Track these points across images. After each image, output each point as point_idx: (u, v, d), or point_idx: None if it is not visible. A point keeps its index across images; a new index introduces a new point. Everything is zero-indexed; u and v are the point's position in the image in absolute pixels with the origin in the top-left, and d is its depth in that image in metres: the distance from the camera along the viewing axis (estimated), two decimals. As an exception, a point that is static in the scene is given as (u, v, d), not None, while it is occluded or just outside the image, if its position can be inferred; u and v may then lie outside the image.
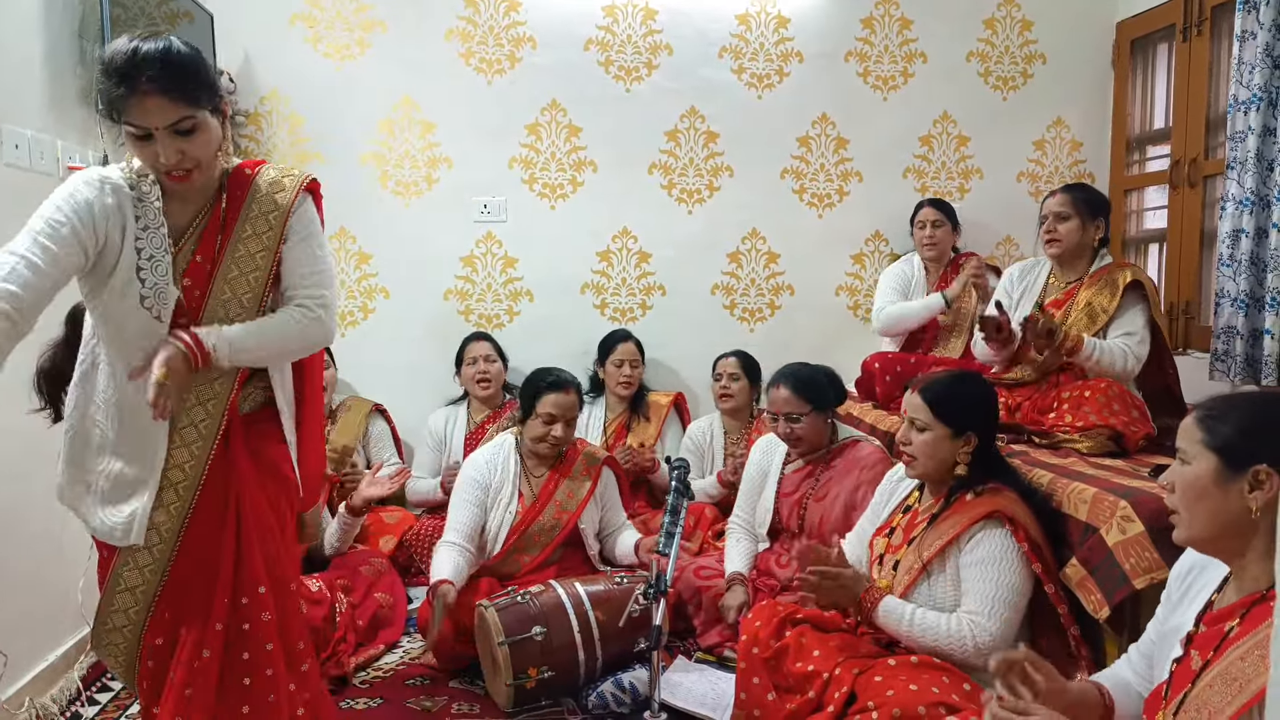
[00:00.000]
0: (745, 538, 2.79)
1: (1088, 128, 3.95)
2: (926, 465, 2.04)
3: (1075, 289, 2.71)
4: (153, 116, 1.43)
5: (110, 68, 1.42)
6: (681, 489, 2.50)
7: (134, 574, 1.65)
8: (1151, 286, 2.67)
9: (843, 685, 1.82)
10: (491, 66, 3.70)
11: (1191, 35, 3.41)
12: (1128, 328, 2.62)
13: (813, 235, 3.90)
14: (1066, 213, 2.72)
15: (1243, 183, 2.90)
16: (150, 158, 1.48)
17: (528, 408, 2.74)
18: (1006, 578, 1.89)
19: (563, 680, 2.32)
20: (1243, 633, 1.26)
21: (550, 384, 2.73)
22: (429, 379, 3.67)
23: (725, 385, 3.49)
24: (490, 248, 3.79)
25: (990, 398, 2.13)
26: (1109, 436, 2.46)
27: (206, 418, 1.64)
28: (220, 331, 1.57)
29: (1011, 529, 1.91)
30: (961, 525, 1.94)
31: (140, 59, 1.41)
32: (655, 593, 2.12)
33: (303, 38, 3.61)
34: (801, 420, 2.63)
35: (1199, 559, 1.43)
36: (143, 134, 1.44)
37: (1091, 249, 2.77)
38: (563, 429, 2.72)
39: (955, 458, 2.01)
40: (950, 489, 2.04)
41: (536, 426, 2.72)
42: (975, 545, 1.92)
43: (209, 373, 1.60)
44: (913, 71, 3.87)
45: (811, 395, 2.64)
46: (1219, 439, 1.31)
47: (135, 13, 2.73)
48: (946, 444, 2.01)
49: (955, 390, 2.06)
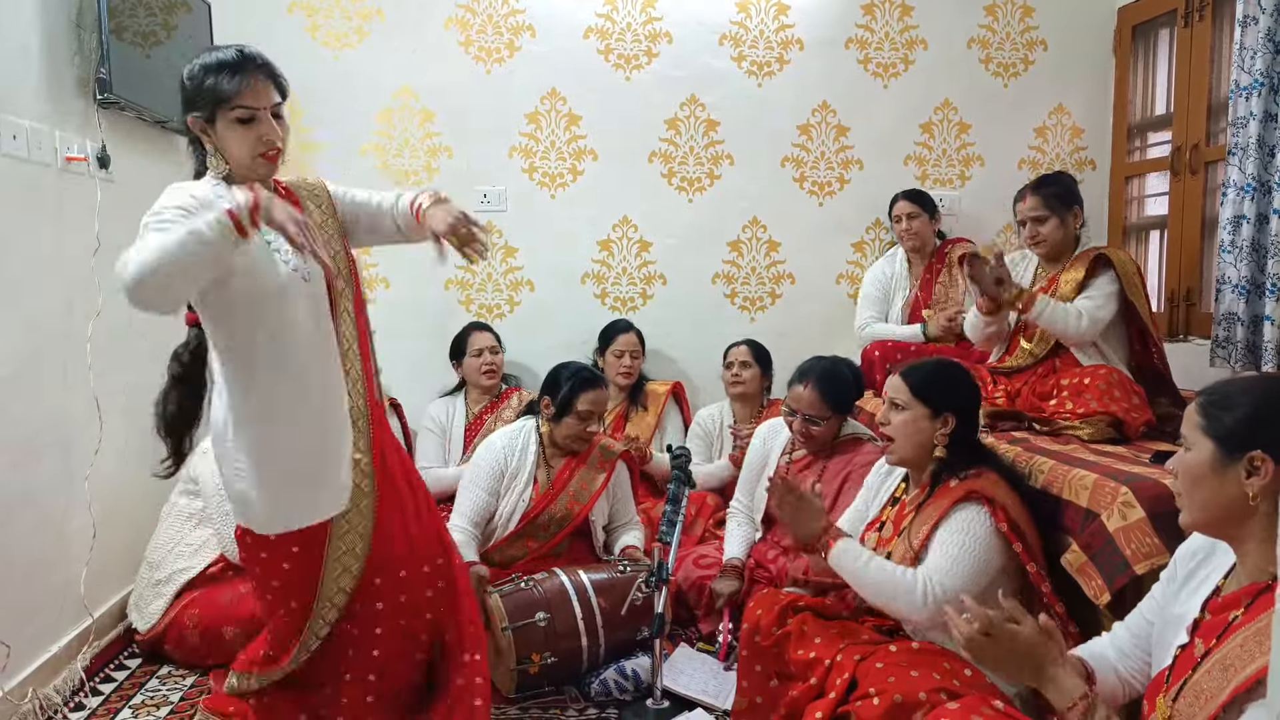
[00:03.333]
0: (745, 523, 2.79)
1: (1089, 114, 3.93)
2: (905, 446, 2.04)
3: (1057, 276, 2.74)
4: (261, 98, 1.64)
5: (220, 64, 1.62)
6: (683, 477, 2.51)
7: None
8: (1127, 263, 2.67)
9: (844, 672, 1.82)
10: (491, 55, 3.68)
11: (1193, 20, 3.39)
12: (1090, 293, 2.64)
13: (813, 223, 3.89)
14: (1042, 214, 2.74)
15: (1244, 168, 2.89)
16: (252, 139, 1.64)
17: (564, 407, 2.69)
18: (971, 546, 1.88)
19: (566, 666, 2.34)
20: (1245, 621, 1.26)
21: (586, 380, 2.71)
22: (430, 369, 3.67)
23: (737, 373, 3.49)
24: (490, 237, 3.78)
25: (970, 383, 2.13)
26: (1109, 423, 2.47)
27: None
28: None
29: (990, 509, 1.91)
30: (943, 508, 1.95)
31: (247, 54, 1.65)
32: (657, 581, 2.13)
33: (301, 27, 3.59)
34: (821, 424, 2.59)
35: (1206, 542, 1.44)
36: (250, 117, 1.63)
37: (1075, 237, 2.79)
38: (597, 424, 2.73)
39: (934, 439, 2.02)
40: (933, 475, 2.04)
41: (573, 424, 2.69)
42: (949, 520, 1.93)
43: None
44: (913, 59, 3.85)
45: (837, 400, 2.60)
46: (1218, 426, 1.31)
47: (133, 2, 2.71)
48: (925, 424, 2.01)
49: (935, 371, 2.08)
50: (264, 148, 1.66)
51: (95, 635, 2.55)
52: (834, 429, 2.64)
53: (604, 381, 2.79)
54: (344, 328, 1.82)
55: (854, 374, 2.71)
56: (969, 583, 1.85)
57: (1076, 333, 2.60)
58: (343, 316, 1.82)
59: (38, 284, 2.35)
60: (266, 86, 1.65)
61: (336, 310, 1.80)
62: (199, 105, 1.65)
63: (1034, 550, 1.95)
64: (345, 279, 1.84)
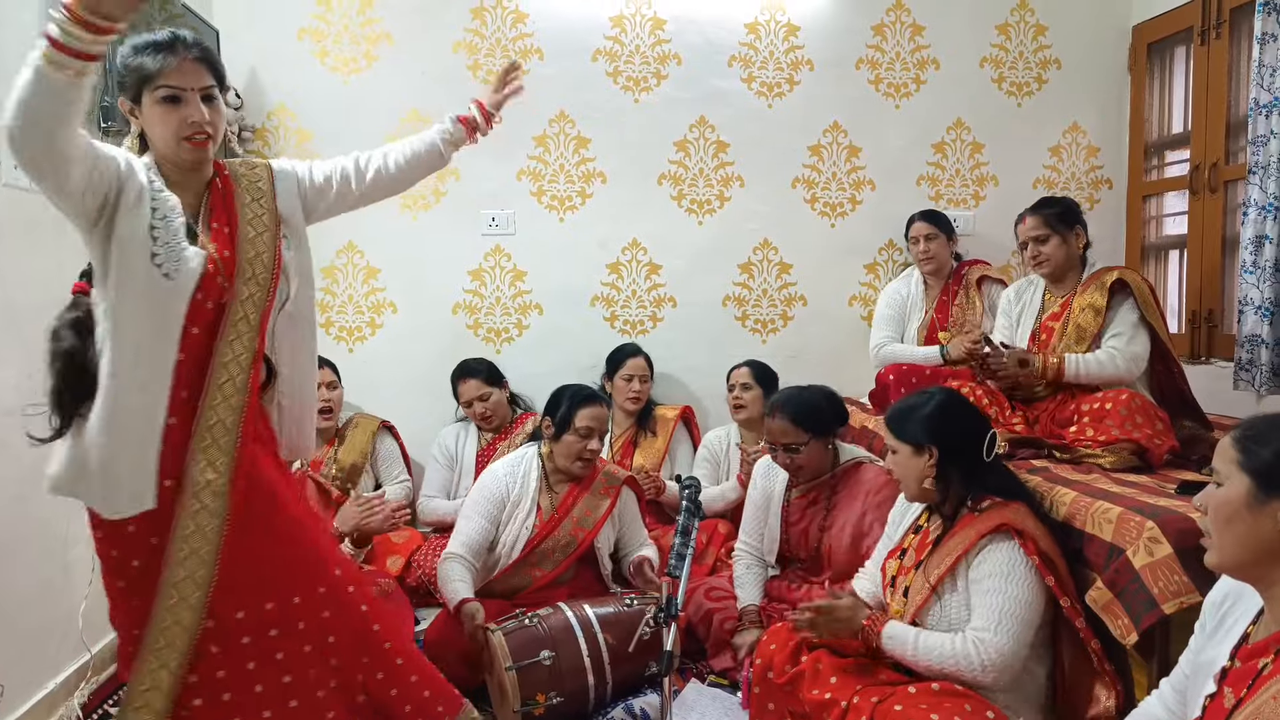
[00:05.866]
0: (755, 564, 2.71)
1: (1105, 133, 3.88)
2: (909, 486, 2.01)
3: (1070, 300, 2.67)
4: (189, 78, 1.60)
5: (150, 43, 1.60)
6: (692, 509, 2.44)
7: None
8: (1141, 285, 2.61)
9: (861, 715, 1.76)
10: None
11: (1210, 38, 3.34)
12: (1116, 329, 2.59)
13: (825, 245, 3.84)
14: (1043, 234, 2.70)
15: (1265, 188, 2.83)
16: (176, 120, 1.60)
17: (563, 425, 2.68)
18: (1014, 590, 1.81)
19: (572, 706, 2.27)
20: (1276, 669, 1.19)
21: (585, 397, 2.70)
22: (438, 394, 3.63)
23: (738, 395, 3.44)
24: (499, 261, 3.75)
25: (957, 411, 2.03)
26: (1132, 451, 2.40)
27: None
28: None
29: (1020, 541, 1.85)
30: (969, 541, 1.89)
31: (179, 36, 1.62)
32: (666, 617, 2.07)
33: (309, 52, 3.59)
34: (801, 450, 2.55)
35: (1234, 587, 1.37)
36: (175, 96, 1.59)
37: (1080, 258, 2.73)
38: (597, 442, 2.68)
39: (924, 473, 1.97)
40: (953, 507, 1.98)
41: (573, 442, 2.66)
42: (982, 560, 1.86)
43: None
44: (925, 78, 3.81)
45: (810, 424, 2.54)
46: (1255, 461, 1.25)
47: (140, 30, 2.70)
48: (912, 461, 1.97)
49: (907, 406, 2.03)
50: (189, 130, 1.61)
51: (94, 671, 2.50)
52: (819, 455, 2.58)
53: (603, 399, 2.76)
54: (231, 339, 1.67)
55: (825, 397, 2.65)
56: (1018, 635, 1.80)
57: (1117, 374, 2.56)
58: (236, 326, 1.68)
59: (39, 314, 2.32)
60: (197, 68, 1.61)
61: (225, 319, 1.67)
62: (126, 85, 1.61)
63: (1066, 583, 1.89)
64: (258, 284, 1.71)
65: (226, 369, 1.67)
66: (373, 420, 3.46)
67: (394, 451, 3.47)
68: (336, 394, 3.38)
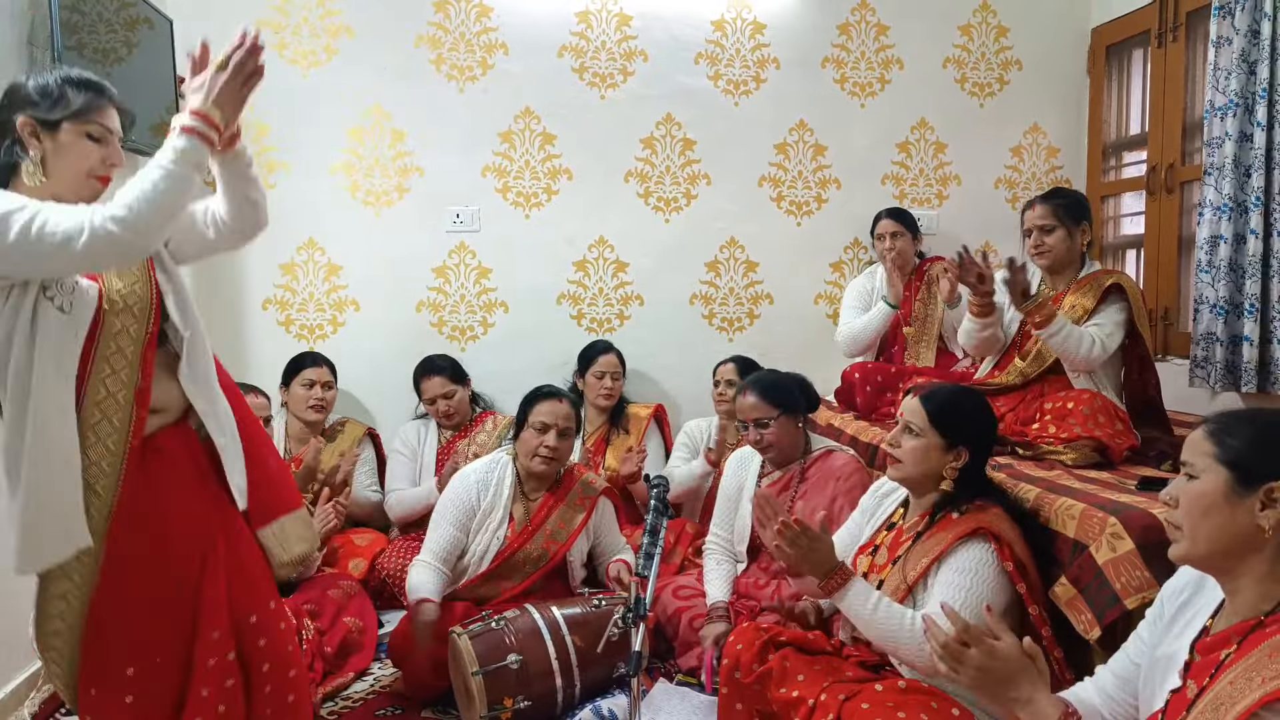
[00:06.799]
0: (725, 559, 2.71)
1: (1064, 134, 3.94)
2: (911, 471, 1.98)
3: (1062, 295, 2.69)
4: (113, 122, 1.68)
5: (83, 81, 1.65)
6: (661, 508, 2.43)
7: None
8: (1135, 292, 2.63)
9: (829, 712, 1.76)
10: (463, 73, 3.62)
11: (1167, 41, 3.40)
12: (1099, 320, 2.57)
13: (791, 243, 3.86)
14: (1050, 224, 2.67)
15: (1220, 189, 2.89)
16: (96, 158, 1.65)
17: (520, 420, 2.67)
18: (977, 589, 1.81)
19: (540, 710, 2.25)
20: (1237, 658, 1.21)
21: (545, 393, 2.68)
22: (401, 393, 3.58)
23: (723, 391, 3.43)
24: (464, 258, 3.71)
25: (990, 417, 2.07)
26: (1093, 448, 2.43)
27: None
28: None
29: (996, 546, 1.86)
30: (946, 542, 1.88)
31: (105, 84, 1.70)
32: (634, 617, 2.05)
33: (268, 44, 3.50)
34: (770, 425, 2.56)
35: (1194, 578, 1.39)
36: (102, 136, 1.66)
37: (1080, 254, 2.74)
38: (556, 438, 2.61)
39: (943, 470, 1.96)
40: (935, 506, 1.98)
41: (530, 437, 2.62)
42: (955, 557, 1.87)
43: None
44: (889, 78, 3.84)
45: (778, 399, 2.57)
46: (1231, 453, 1.25)
47: (93, 19, 2.63)
48: (937, 454, 1.95)
49: (956, 401, 2.00)
50: (103, 170, 1.65)
51: (44, 679, 2.42)
52: (789, 432, 2.59)
53: (566, 395, 2.72)
54: (104, 375, 1.59)
55: (796, 380, 2.68)
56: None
57: (1085, 358, 2.51)
58: (111, 359, 1.60)
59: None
60: (116, 116, 1.69)
61: (92, 354, 1.58)
62: (44, 109, 1.58)
63: (1036, 592, 1.90)
64: (132, 316, 1.63)
65: (100, 406, 1.58)
66: (360, 427, 3.46)
67: (371, 459, 3.46)
68: (331, 394, 3.34)
